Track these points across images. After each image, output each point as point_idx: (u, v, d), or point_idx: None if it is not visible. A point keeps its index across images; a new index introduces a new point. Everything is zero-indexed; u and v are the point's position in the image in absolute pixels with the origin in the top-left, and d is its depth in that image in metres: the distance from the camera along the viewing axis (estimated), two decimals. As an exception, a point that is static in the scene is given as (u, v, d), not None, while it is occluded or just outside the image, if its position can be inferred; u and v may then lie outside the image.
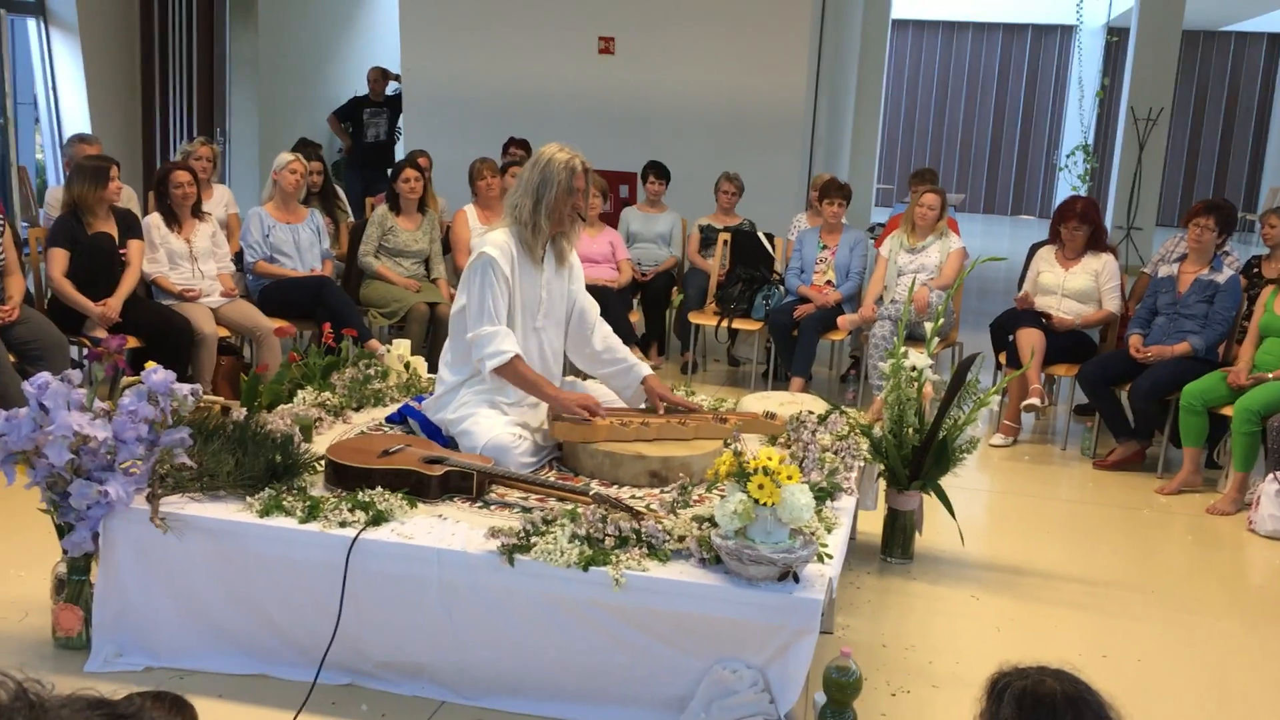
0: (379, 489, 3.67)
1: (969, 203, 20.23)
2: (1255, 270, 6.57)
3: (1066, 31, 19.10)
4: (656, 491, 3.94)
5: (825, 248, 7.59)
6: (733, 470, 3.30)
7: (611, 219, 8.46)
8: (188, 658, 3.67)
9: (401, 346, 5.20)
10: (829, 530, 3.59)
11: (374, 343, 6.30)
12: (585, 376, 4.90)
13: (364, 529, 3.49)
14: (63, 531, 3.66)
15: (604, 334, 4.56)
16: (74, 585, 3.73)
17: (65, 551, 3.68)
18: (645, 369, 4.55)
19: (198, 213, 6.66)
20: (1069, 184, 15.61)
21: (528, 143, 9.03)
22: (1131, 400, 6.25)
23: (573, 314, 4.50)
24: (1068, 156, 15.83)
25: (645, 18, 9.91)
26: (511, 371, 4.18)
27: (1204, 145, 19.50)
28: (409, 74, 10.53)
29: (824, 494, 3.87)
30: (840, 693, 3.35)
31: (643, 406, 4.51)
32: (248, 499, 3.64)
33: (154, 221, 6.49)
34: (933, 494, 4.76)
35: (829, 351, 8.47)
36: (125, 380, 3.84)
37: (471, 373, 4.26)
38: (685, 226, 8.42)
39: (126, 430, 3.52)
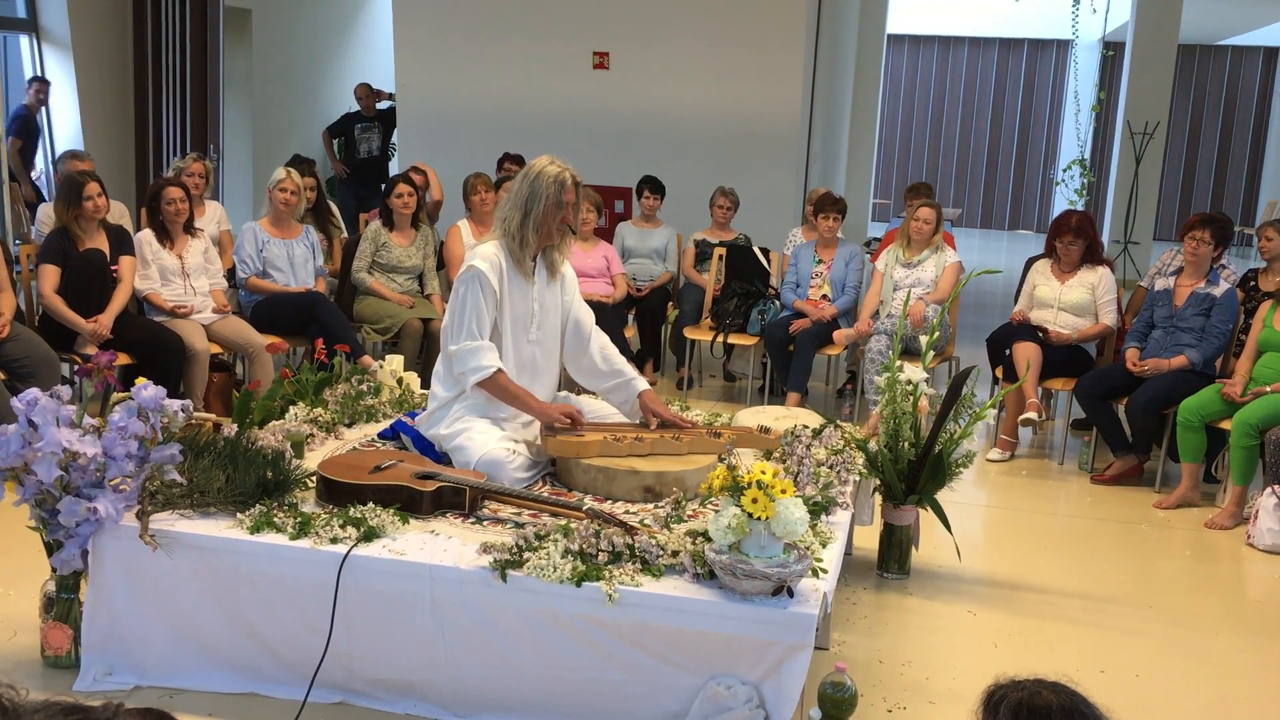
0: (371, 505, 3.65)
1: (966, 217, 20.23)
2: (1252, 283, 6.56)
3: (1062, 46, 19.13)
4: (650, 506, 3.91)
5: (821, 262, 7.58)
6: (726, 484, 3.28)
7: (606, 234, 8.45)
8: (177, 676, 3.64)
9: (395, 362, 5.18)
10: (824, 545, 3.57)
11: (367, 359, 6.28)
12: (581, 392, 4.87)
13: (355, 545, 3.47)
14: (51, 549, 3.64)
15: (601, 345, 4.52)
16: (63, 603, 3.70)
17: (54, 569, 3.65)
18: (642, 384, 4.51)
19: (190, 229, 6.63)
20: (1066, 198, 15.60)
21: (522, 158, 9.01)
22: (1129, 414, 6.23)
23: (567, 325, 4.47)
24: (1064, 171, 15.82)
25: (640, 33, 9.91)
26: (494, 385, 4.16)
27: (1201, 159, 19.52)
28: (403, 90, 10.53)
29: (819, 508, 3.85)
30: (836, 709, 3.33)
31: (639, 421, 4.48)
32: (238, 515, 3.61)
33: (146, 238, 6.47)
34: (929, 509, 4.74)
35: (825, 366, 8.45)
36: (115, 396, 3.81)
37: (464, 387, 4.23)
38: (680, 241, 8.41)
39: (116, 447, 3.49)
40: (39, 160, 10.32)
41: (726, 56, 9.80)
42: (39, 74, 9.93)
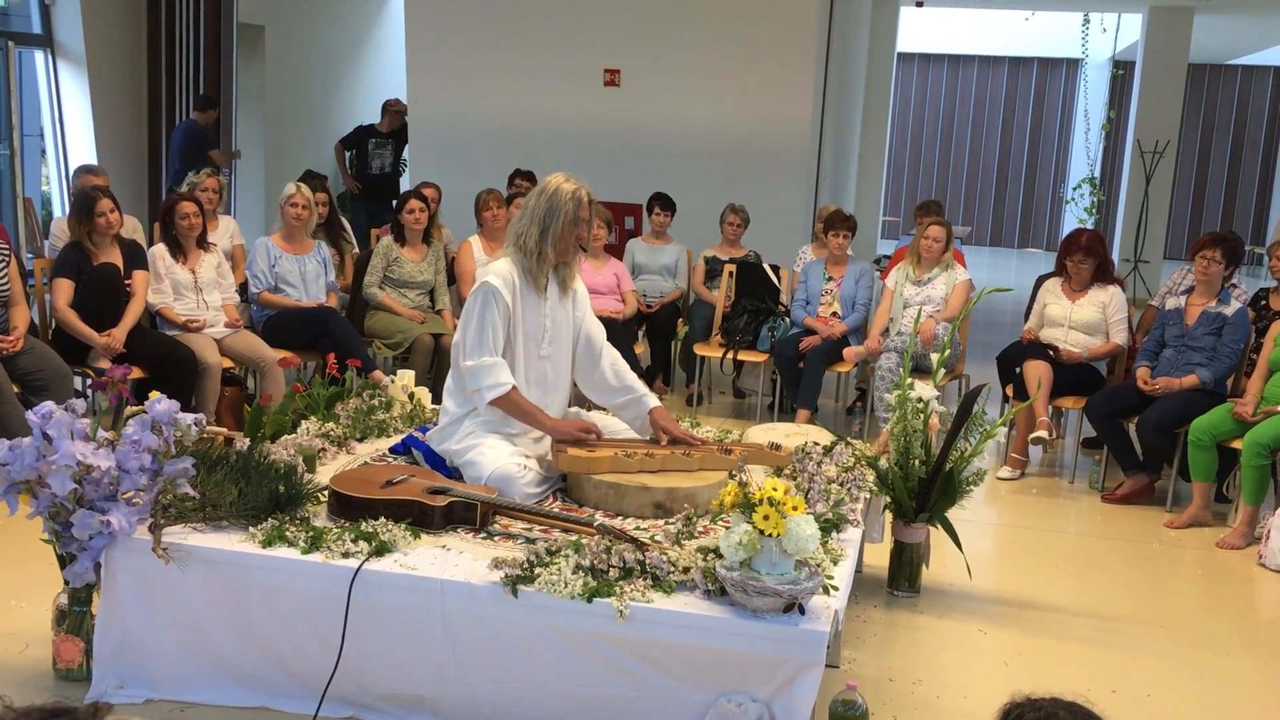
0: (382, 519, 3.65)
1: (976, 235, 20.22)
2: (1263, 303, 6.56)
3: (1072, 65, 19.16)
4: (661, 523, 3.91)
5: (831, 279, 7.58)
6: (738, 501, 3.28)
7: (617, 250, 8.46)
8: (189, 690, 3.64)
9: (406, 377, 5.19)
10: (835, 562, 3.57)
11: (378, 373, 6.29)
12: (591, 407, 4.88)
13: (367, 560, 3.47)
14: (64, 562, 3.64)
15: (612, 360, 4.53)
16: (75, 616, 3.71)
17: (67, 582, 3.66)
18: (653, 400, 4.52)
19: (203, 244, 6.66)
20: (1076, 217, 15.62)
21: (534, 174, 9.03)
22: (1139, 433, 6.22)
23: (579, 340, 4.48)
24: (1074, 189, 15.84)
25: (651, 50, 9.94)
26: (508, 403, 4.17)
27: (1211, 178, 19.50)
28: (415, 106, 10.56)
29: (829, 525, 3.84)
30: (847, 727, 3.32)
31: (650, 438, 4.48)
32: (250, 529, 3.62)
33: (159, 252, 6.50)
34: (939, 527, 4.73)
35: (835, 384, 8.44)
36: (129, 410, 3.82)
37: (476, 404, 4.24)
38: (690, 258, 8.42)
39: (130, 460, 3.50)
40: (51, 176, 10.37)
41: (737, 74, 9.83)
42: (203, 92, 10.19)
